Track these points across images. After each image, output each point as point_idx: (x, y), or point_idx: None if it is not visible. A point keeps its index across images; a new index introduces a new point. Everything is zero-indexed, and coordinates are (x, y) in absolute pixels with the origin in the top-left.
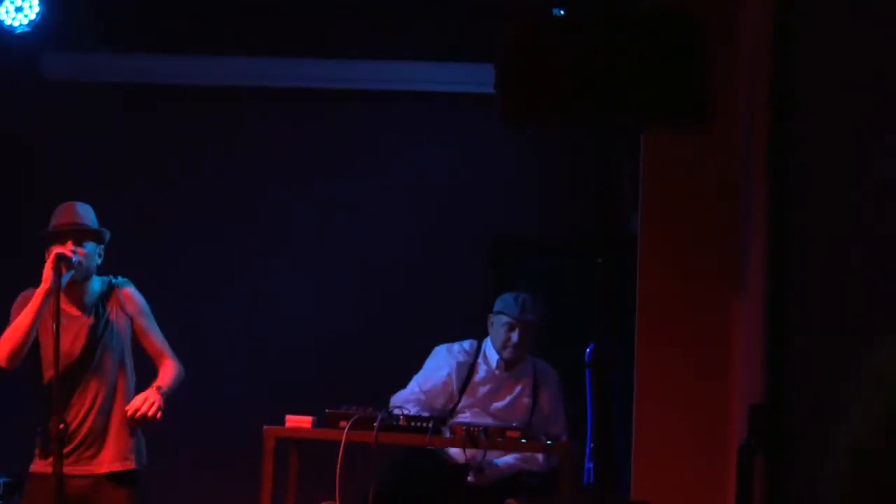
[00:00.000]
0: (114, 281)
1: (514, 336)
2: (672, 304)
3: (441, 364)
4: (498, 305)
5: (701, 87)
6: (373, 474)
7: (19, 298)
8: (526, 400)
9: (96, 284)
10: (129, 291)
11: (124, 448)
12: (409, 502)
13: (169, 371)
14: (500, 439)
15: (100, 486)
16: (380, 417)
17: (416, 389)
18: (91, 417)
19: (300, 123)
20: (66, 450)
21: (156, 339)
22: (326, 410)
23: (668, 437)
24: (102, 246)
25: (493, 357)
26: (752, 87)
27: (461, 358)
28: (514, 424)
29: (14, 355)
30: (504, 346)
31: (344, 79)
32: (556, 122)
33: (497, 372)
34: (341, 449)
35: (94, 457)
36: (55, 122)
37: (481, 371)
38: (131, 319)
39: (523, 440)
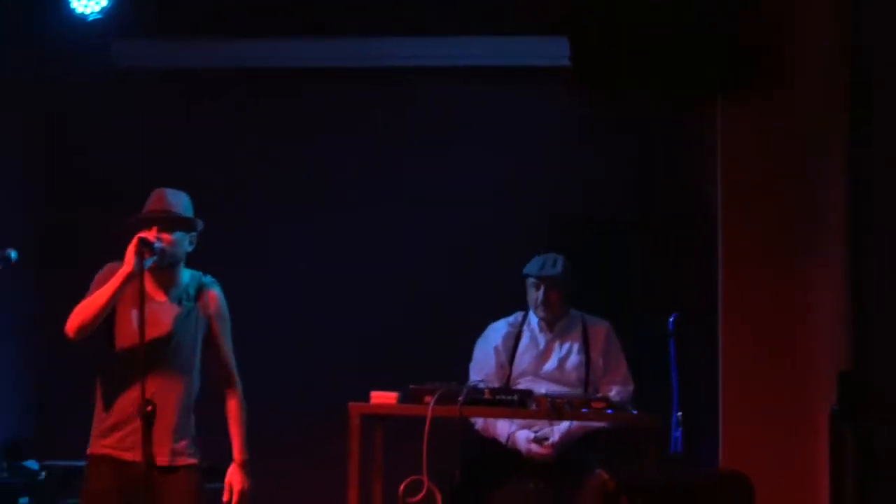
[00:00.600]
0: (203, 278)
1: (541, 294)
2: (754, 275)
3: (488, 346)
4: (524, 269)
5: (773, 54)
6: (458, 449)
7: (104, 270)
8: (575, 357)
9: (185, 276)
10: (215, 293)
11: (183, 443)
12: (495, 477)
13: (237, 421)
14: (585, 410)
15: (159, 475)
16: (464, 392)
17: (476, 378)
18: (167, 408)
19: (360, 103)
20: (120, 433)
21: (226, 350)
22: (410, 386)
23: (755, 407)
24: (194, 234)
25: (535, 322)
26: (829, 50)
27: (505, 330)
28: (573, 388)
29: (83, 329)
30: (535, 306)
31: (400, 56)
32: (627, 90)
33: (541, 335)
34: (427, 424)
35: (163, 448)
36: (126, 109)
37: (525, 338)
38: (209, 320)
39: (609, 410)
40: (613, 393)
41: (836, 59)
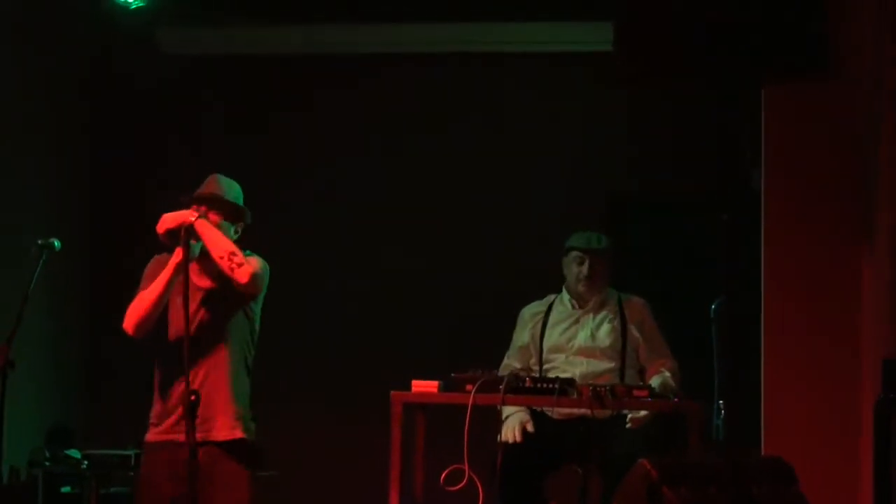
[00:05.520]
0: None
1: (585, 268)
2: (799, 260)
3: (521, 326)
4: (567, 243)
5: (822, 39)
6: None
7: (151, 263)
8: (609, 325)
9: None
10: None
11: (234, 418)
12: (536, 465)
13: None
14: (626, 399)
15: (213, 454)
16: (506, 380)
17: (509, 357)
18: (206, 386)
19: (419, 86)
20: (172, 419)
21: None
22: (452, 375)
23: (798, 394)
24: (240, 224)
25: (567, 298)
26: (878, 37)
27: (537, 309)
28: (608, 362)
29: (142, 325)
30: (577, 280)
31: (445, 41)
32: (673, 79)
33: (573, 310)
34: (468, 412)
35: (205, 425)
36: (171, 96)
37: (556, 312)
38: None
39: (650, 398)
40: (667, 368)
41: (887, 47)
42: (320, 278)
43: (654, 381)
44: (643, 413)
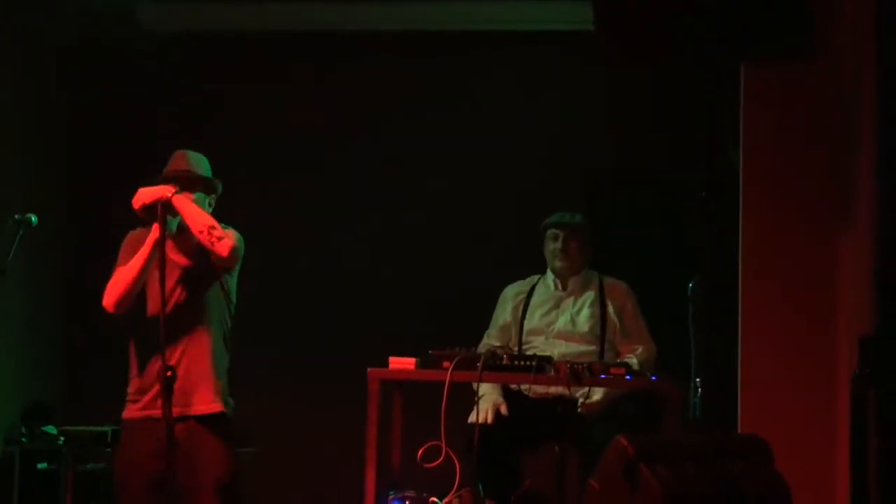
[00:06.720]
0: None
1: (559, 244)
2: (776, 239)
3: (503, 305)
4: (543, 224)
5: (804, 15)
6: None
7: (128, 238)
8: (588, 311)
9: None
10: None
11: (213, 392)
12: (513, 442)
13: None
14: (603, 376)
15: (192, 428)
16: (483, 357)
17: (489, 335)
18: (185, 361)
19: (395, 66)
20: (150, 394)
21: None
22: (429, 352)
23: (775, 371)
24: (213, 196)
25: (550, 279)
26: (857, 14)
27: (519, 289)
28: (587, 345)
29: (122, 301)
30: (554, 257)
31: (430, 20)
32: (659, 58)
33: (555, 291)
34: (445, 389)
35: (184, 399)
36: (153, 73)
37: (538, 295)
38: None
39: (628, 376)
40: (640, 352)
41: (868, 28)
42: (299, 257)
43: None
44: (595, 398)
